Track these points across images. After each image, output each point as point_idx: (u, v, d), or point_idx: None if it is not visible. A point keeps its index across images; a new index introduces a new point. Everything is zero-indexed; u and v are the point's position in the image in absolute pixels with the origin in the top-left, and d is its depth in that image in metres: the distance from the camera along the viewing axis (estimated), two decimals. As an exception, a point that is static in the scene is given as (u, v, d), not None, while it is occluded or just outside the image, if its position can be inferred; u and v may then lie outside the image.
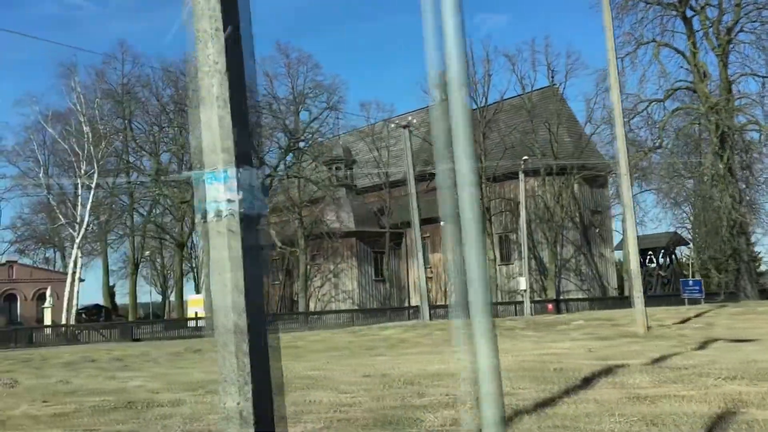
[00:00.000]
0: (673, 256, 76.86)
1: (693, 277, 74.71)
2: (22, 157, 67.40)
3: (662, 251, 74.76)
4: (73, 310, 47.61)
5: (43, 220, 73.10)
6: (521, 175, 46.08)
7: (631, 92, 37.55)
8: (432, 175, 65.98)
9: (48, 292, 55.09)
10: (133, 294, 62.35)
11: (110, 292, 78.37)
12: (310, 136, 37.42)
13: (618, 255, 70.13)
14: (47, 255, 79.50)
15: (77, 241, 47.78)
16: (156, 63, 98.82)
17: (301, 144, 35.85)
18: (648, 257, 76.11)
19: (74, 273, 47.88)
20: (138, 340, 44.20)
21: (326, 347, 19.10)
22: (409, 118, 36.10)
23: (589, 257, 60.04)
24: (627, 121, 37.57)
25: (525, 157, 46.59)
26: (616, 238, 64.68)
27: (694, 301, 37.47)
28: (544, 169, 52.29)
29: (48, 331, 47.41)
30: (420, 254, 31.48)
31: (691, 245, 73.65)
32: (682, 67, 34.63)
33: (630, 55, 34.15)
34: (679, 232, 77.82)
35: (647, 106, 36.16)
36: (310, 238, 60.61)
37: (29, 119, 76.91)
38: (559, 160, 53.38)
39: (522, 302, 53.56)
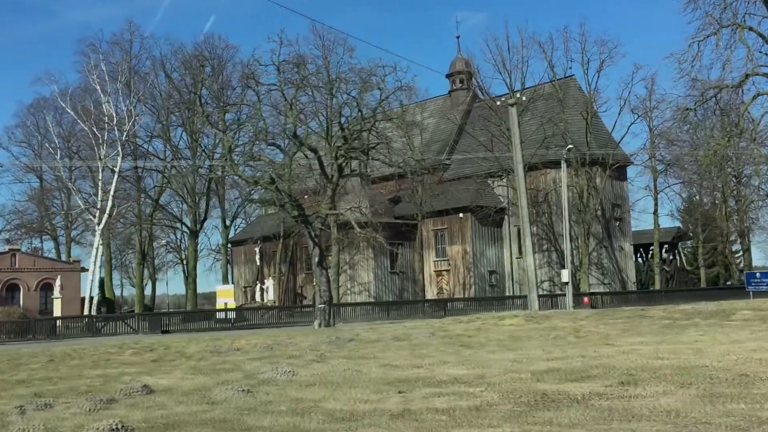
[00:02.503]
0: (677, 252, 76.84)
1: (696, 271, 75.16)
2: (13, 140, 64.44)
3: (665, 246, 74.50)
4: (95, 301, 44.93)
5: (35, 208, 69.99)
6: (563, 165, 44.81)
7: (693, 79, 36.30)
8: (446, 166, 64.65)
9: (57, 282, 52.40)
10: (140, 285, 59.72)
11: (105, 284, 75.44)
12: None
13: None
14: (34, 245, 76.06)
15: (99, 228, 45.13)
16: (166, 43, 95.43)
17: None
18: (650, 252, 76.04)
19: (95, 262, 45.19)
20: (167, 332, 41.96)
21: (499, 337, 17.53)
22: (518, 95, 34.44)
23: (610, 251, 59.33)
24: (694, 107, 36.62)
25: (570, 146, 45.42)
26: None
27: (760, 294, 36.77)
28: (578, 160, 51.22)
29: (62, 322, 44.69)
30: (528, 239, 29.99)
31: (696, 239, 73.45)
32: (761, 51, 33.72)
33: (712, 36, 33.08)
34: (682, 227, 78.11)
35: (717, 92, 35.20)
36: (323, 229, 58.71)
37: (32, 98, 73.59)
38: (590, 150, 52.44)
39: (558, 295, 52.84)
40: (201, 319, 47.11)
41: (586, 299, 49.45)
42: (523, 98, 53.73)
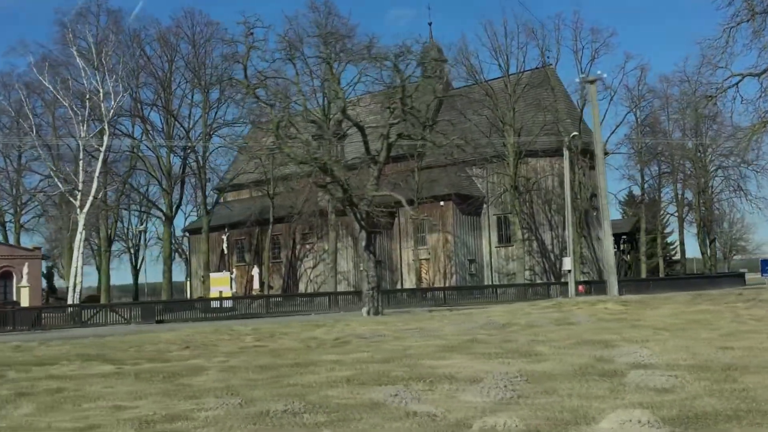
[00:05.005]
0: (634, 242, 77.91)
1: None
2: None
3: (624, 237, 75.41)
4: (78, 289, 41.83)
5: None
6: (566, 153, 44.36)
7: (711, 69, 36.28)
8: (421, 154, 63.50)
9: (25, 270, 48.84)
10: (107, 273, 56.35)
11: (49, 273, 71.21)
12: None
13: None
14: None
15: (83, 211, 41.98)
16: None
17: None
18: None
19: (79, 248, 42.08)
20: (161, 321, 39.52)
21: (672, 321, 16.52)
22: (598, 72, 33.42)
23: (589, 240, 59.57)
24: (714, 96, 36.65)
25: (574, 133, 45.01)
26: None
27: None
28: (575, 148, 50.94)
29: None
30: (607, 223, 29.02)
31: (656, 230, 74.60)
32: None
33: (748, 23, 32.97)
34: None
35: (739, 81, 35.23)
36: (303, 216, 56.96)
37: None
38: (582, 138, 52.27)
39: (552, 283, 52.82)
40: (187, 309, 44.64)
41: (581, 287, 49.29)
42: (516, 88, 53.14)
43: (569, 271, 44.98)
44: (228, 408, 7.53)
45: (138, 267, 78.85)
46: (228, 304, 43.48)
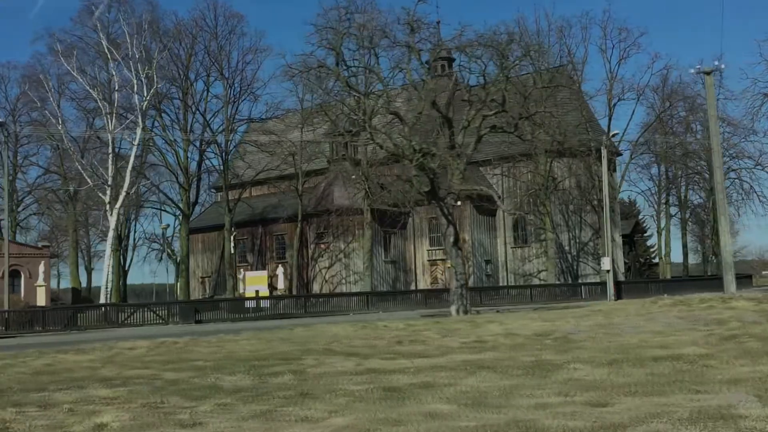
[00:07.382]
0: (634, 244, 78.38)
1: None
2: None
3: (624, 239, 75.66)
4: (110, 288, 39.93)
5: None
6: (604, 152, 44.00)
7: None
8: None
9: (41, 269, 46.74)
10: (117, 273, 54.21)
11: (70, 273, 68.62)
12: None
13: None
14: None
15: (116, 207, 40.04)
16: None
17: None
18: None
19: (112, 245, 40.16)
20: (200, 321, 38.02)
21: None
22: (716, 62, 32.35)
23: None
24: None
25: (615, 131, 44.59)
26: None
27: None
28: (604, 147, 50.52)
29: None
30: (724, 218, 28.39)
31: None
32: None
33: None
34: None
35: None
36: (316, 215, 55.72)
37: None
38: (608, 139, 51.96)
39: (582, 284, 52.42)
40: (216, 309, 42.98)
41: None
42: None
43: (608, 271, 44.66)
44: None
45: (127, 268, 76.59)
46: (265, 304, 41.93)
